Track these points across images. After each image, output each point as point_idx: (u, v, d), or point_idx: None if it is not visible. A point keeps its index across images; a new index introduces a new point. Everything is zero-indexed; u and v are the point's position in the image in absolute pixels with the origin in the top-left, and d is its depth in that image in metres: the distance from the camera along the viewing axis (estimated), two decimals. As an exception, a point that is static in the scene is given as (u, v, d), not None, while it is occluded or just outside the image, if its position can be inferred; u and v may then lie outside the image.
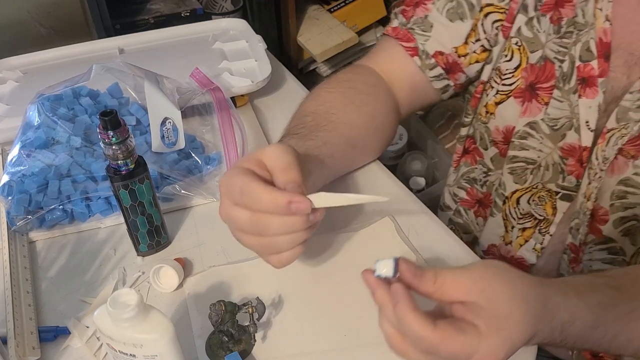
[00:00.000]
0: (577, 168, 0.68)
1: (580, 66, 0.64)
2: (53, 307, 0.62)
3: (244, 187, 0.52)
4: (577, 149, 0.67)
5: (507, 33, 0.70)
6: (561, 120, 0.68)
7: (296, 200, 0.51)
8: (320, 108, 0.71)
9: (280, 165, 0.54)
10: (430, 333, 0.43)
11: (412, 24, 0.77)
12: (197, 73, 0.82)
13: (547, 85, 0.68)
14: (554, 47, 0.67)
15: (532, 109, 0.70)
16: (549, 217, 0.73)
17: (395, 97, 0.78)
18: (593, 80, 0.64)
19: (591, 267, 0.70)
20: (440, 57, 0.76)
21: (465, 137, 0.82)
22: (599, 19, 0.63)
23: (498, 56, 0.72)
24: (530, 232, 0.76)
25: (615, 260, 0.68)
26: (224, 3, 1.63)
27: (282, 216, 0.52)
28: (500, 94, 0.73)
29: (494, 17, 0.72)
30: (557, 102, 0.67)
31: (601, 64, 0.63)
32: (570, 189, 0.70)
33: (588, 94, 0.64)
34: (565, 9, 0.66)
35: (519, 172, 0.74)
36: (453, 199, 0.89)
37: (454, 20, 0.74)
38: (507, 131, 0.74)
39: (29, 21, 1.24)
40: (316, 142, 0.65)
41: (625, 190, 0.64)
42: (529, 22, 0.68)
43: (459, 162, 0.86)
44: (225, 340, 0.55)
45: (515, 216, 0.77)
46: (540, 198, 0.73)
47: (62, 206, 0.69)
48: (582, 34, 0.64)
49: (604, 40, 0.63)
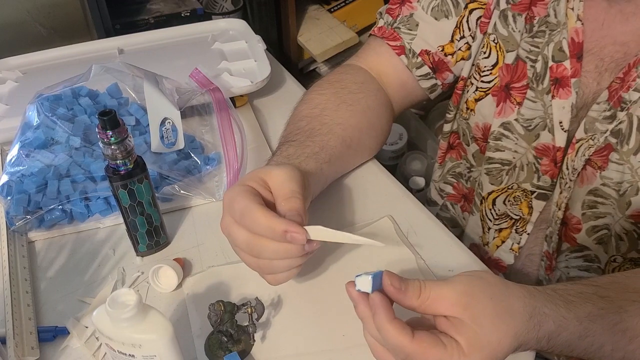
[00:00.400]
0: (552, 168, 0.68)
1: (554, 66, 0.64)
2: (52, 307, 0.62)
3: (244, 208, 0.53)
4: (551, 149, 0.67)
5: (485, 29, 0.70)
6: (535, 120, 0.68)
7: (293, 230, 0.51)
8: (314, 111, 0.71)
9: (284, 193, 0.56)
10: (408, 343, 0.44)
11: (399, 22, 0.77)
12: (196, 73, 0.82)
13: (520, 85, 0.68)
14: (526, 46, 0.67)
15: (506, 110, 0.70)
16: (525, 217, 0.73)
17: (386, 92, 0.78)
18: (566, 81, 0.64)
19: (568, 274, 0.70)
20: (426, 57, 0.76)
21: (449, 132, 0.83)
22: (570, 19, 0.63)
23: (477, 52, 0.72)
24: (507, 233, 0.76)
25: (591, 267, 0.68)
26: (224, 3, 1.63)
27: (278, 242, 0.53)
28: (479, 90, 0.73)
29: (477, 13, 0.72)
30: (531, 102, 0.67)
31: (573, 64, 0.63)
32: (546, 189, 0.70)
33: (561, 95, 0.64)
34: (537, 8, 0.66)
35: (494, 173, 0.74)
36: (439, 194, 0.89)
37: (439, 19, 0.74)
38: (485, 129, 0.74)
39: (29, 21, 1.24)
40: (313, 148, 0.66)
41: (595, 200, 0.65)
42: (503, 17, 0.68)
43: (444, 158, 0.86)
44: (224, 341, 0.55)
45: (491, 217, 0.77)
46: (515, 198, 0.73)
47: (61, 206, 0.69)
48: (555, 34, 0.64)
49: (576, 40, 0.63)
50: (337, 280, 0.63)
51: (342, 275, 0.63)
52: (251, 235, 0.53)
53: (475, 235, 0.82)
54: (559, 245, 0.70)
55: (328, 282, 0.63)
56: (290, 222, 0.52)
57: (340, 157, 0.70)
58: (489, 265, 0.76)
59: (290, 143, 0.67)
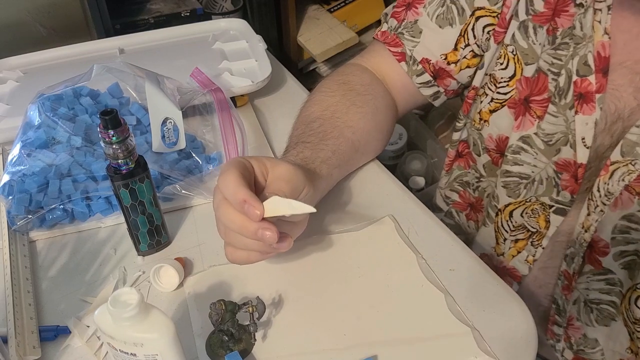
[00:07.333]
0: (572, 184, 0.66)
1: (578, 81, 0.62)
2: (53, 307, 0.62)
3: (225, 172, 0.54)
4: (572, 165, 0.65)
5: (500, 39, 0.68)
6: (556, 135, 0.66)
7: (251, 203, 0.52)
8: (325, 113, 0.72)
9: (273, 188, 0.56)
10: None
11: (403, 28, 0.76)
12: (197, 73, 0.82)
13: (540, 98, 0.66)
14: (548, 58, 0.64)
15: (525, 123, 0.68)
16: (541, 230, 0.72)
17: (391, 94, 0.78)
18: (590, 96, 0.61)
19: (588, 295, 0.68)
20: (427, 65, 0.76)
21: (458, 141, 0.82)
22: (597, 32, 0.60)
23: (491, 62, 0.71)
24: (523, 244, 0.75)
25: (613, 290, 0.66)
26: (224, 3, 1.63)
27: (236, 212, 0.53)
28: (495, 102, 0.71)
29: (485, 21, 0.70)
30: (552, 117, 0.65)
31: (599, 79, 0.60)
32: (565, 204, 0.68)
33: (585, 110, 0.62)
34: (561, 19, 0.63)
35: (512, 186, 0.73)
36: (445, 201, 0.89)
37: (443, 27, 0.73)
38: (499, 140, 0.73)
39: (29, 21, 1.24)
40: (326, 152, 0.67)
41: (629, 225, 0.62)
42: (523, 29, 0.66)
43: (451, 166, 0.85)
44: (225, 340, 0.55)
45: (507, 228, 0.76)
46: (533, 211, 0.72)
47: (63, 206, 0.69)
48: (580, 47, 0.61)
49: (602, 54, 0.60)
50: (337, 279, 0.63)
51: (343, 275, 0.63)
52: (222, 198, 0.54)
53: (487, 245, 0.80)
54: (582, 267, 0.68)
55: (329, 282, 0.63)
56: (253, 196, 0.52)
57: (347, 162, 0.71)
58: (502, 274, 0.76)
59: (305, 144, 0.67)
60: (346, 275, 0.63)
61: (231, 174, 0.54)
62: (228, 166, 0.55)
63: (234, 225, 0.54)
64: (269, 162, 0.58)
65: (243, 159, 0.57)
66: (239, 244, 0.56)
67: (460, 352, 0.55)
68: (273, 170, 0.58)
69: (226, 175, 0.54)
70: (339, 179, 0.72)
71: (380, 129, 0.76)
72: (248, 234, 0.53)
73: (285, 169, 0.58)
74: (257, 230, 0.52)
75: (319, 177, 0.64)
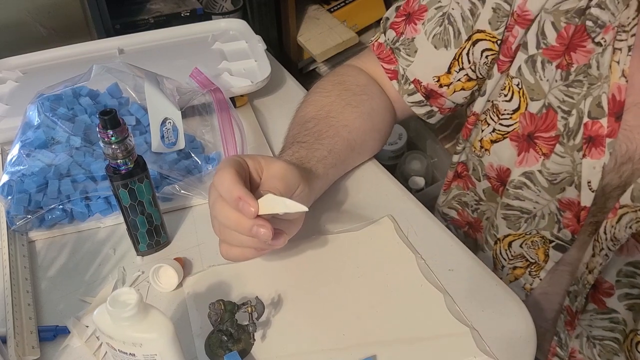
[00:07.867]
0: (574, 224, 0.65)
1: (588, 123, 0.59)
2: (52, 307, 0.62)
3: (221, 169, 0.55)
4: (576, 205, 0.63)
5: (504, 68, 0.66)
6: (561, 175, 0.64)
7: (246, 200, 0.52)
8: (320, 113, 0.72)
9: (267, 186, 0.57)
10: None
11: (400, 43, 0.75)
12: (197, 73, 0.82)
13: (548, 136, 0.63)
14: (559, 94, 0.61)
15: (529, 159, 0.66)
16: (540, 263, 0.71)
17: (387, 96, 0.78)
18: (600, 140, 0.58)
19: (591, 332, 0.67)
20: (419, 86, 0.74)
21: (457, 163, 0.80)
22: (614, 73, 0.57)
23: (494, 90, 0.69)
24: (521, 272, 0.74)
25: (617, 328, 0.64)
26: (224, 3, 1.63)
27: (231, 209, 0.54)
28: (497, 132, 0.69)
29: (483, 45, 0.68)
30: (559, 157, 0.63)
31: (611, 123, 0.57)
32: (565, 242, 0.67)
33: (593, 154, 0.59)
34: (577, 54, 0.59)
35: (512, 219, 0.71)
36: (443, 217, 0.88)
37: (438, 48, 0.71)
38: (500, 170, 0.71)
39: (29, 21, 1.24)
40: (322, 152, 0.67)
41: (634, 271, 0.59)
42: (531, 63, 0.63)
43: (449, 186, 0.84)
44: (224, 340, 0.55)
45: (506, 257, 0.75)
46: (533, 242, 0.71)
47: (62, 206, 0.69)
48: (594, 88, 0.58)
49: (617, 97, 0.57)
50: (337, 279, 0.63)
51: (342, 275, 0.63)
52: (217, 195, 0.55)
53: None
54: (585, 305, 0.66)
55: (328, 282, 0.63)
56: (248, 193, 0.52)
57: (344, 161, 0.71)
58: None
59: (300, 144, 0.67)
60: (345, 276, 0.63)
61: (226, 171, 0.54)
62: (223, 164, 0.55)
63: (229, 222, 0.54)
64: (264, 160, 0.59)
65: (238, 157, 0.57)
66: (234, 241, 0.56)
67: (459, 352, 0.55)
68: (268, 168, 0.58)
69: (221, 173, 0.54)
70: (335, 178, 0.72)
71: (377, 129, 0.76)
72: (243, 230, 0.54)
73: (280, 167, 0.58)
74: (251, 227, 0.53)
75: (314, 176, 0.64)
